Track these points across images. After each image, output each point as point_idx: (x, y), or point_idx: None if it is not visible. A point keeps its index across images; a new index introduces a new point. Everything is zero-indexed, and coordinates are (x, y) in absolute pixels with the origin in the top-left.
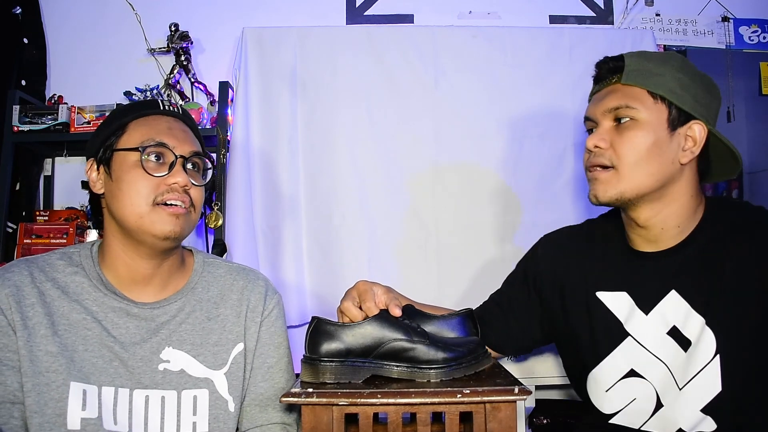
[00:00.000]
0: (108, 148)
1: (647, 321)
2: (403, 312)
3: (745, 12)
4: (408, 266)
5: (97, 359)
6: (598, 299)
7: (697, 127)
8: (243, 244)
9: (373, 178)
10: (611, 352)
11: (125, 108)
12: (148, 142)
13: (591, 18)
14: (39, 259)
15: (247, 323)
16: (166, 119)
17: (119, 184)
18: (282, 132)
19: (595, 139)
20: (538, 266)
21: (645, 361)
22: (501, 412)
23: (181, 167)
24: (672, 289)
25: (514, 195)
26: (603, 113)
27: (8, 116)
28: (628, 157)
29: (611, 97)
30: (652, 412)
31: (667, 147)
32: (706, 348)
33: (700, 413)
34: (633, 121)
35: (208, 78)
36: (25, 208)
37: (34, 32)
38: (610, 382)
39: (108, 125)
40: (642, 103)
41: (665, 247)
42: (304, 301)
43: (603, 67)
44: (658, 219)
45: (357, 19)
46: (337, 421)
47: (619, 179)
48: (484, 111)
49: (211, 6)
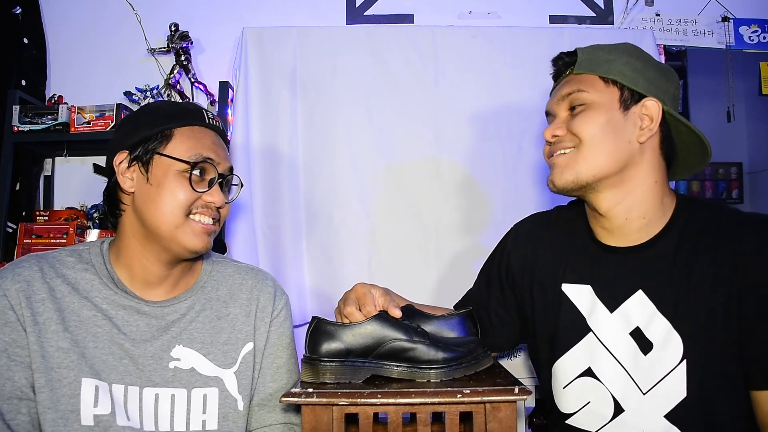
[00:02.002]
0: (149, 150)
1: (610, 319)
2: (403, 312)
3: (745, 12)
4: (408, 266)
5: (107, 356)
6: (563, 292)
7: (650, 103)
8: (243, 244)
9: (373, 178)
10: (573, 346)
11: (169, 111)
12: (197, 157)
13: (591, 18)
14: (49, 255)
15: (256, 323)
16: (211, 134)
17: (159, 190)
18: (282, 132)
19: (551, 129)
20: (509, 260)
21: (603, 361)
22: (501, 412)
23: (218, 186)
24: (639, 289)
25: (514, 195)
26: (557, 103)
27: (8, 116)
28: (585, 135)
29: (564, 87)
30: (611, 416)
31: (622, 126)
32: (672, 352)
33: (665, 420)
34: (585, 105)
35: (208, 78)
36: (25, 208)
37: (34, 32)
38: (568, 379)
39: (149, 125)
40: (593, 87)
41: (633, 243)
42: (304, 301)
43: (558, 63)
44: (620, 208)
45: (357, 19)
46: (337, 421)
47: (576, 160)
48: (484, 111)
49: (211, 6)
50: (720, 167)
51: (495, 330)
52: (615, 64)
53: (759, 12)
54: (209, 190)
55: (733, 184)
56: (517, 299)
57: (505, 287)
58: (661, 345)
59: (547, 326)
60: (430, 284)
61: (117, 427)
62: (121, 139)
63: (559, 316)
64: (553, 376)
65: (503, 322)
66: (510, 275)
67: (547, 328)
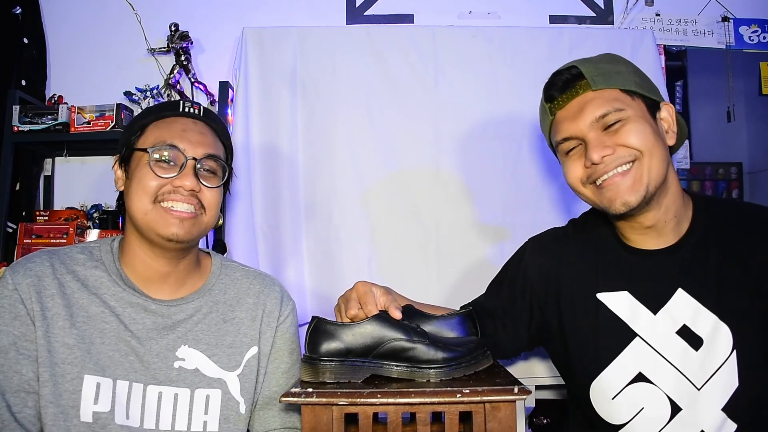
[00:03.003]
0: (128, 147)
1: (656, 321)
2: (403, 312)
3: (745, 12)
4: (408, 266)
5: (113, 352)
6: (599, 301)
7: (666, 108)
8: (243, 244)
9: (373, 178)
10: (618, 355)
11: (150, 109)
12: (158, 144)
13: (591, 18)
14: (60, 251)
15: (262, 327)
16: (184, 121)
17: (131, 182)
18: (282, 132)
19: (598, 150)
20: (527, 274)
21: (653, 365)
22: (501, 411)
23: (191, 170)
24: (678, 288)
25: (514, 195)
26: (590, 125)
27: (8, 116)
28: (643, 146)
29: (590, 107)
30: (668, 418)
31: (659, 133)
32: (722, 345)
33: (721, 413)
34: (623, 120)
35: (208, 78)
36: (25, 208)
37: (34, 32)
38: (617, 388)
39: (132, 125)
40: (624, 103)
41: (665, 244)
42: (304, 301)
43: (556, 81)
44: (661, 213)
45: (357, 19)
46: (336, 420)
47: (642, 172)
48: (484, 111)
49: (211, 6)
50: (720, 167)
51: (496, 338)
52: (625, 75)
53: (759, 12)
54: (178, 175)
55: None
56: (534, 313)
57: (518, 300)
58: (711, 339)
59: (584, 339)
60: (430, 284)
61: (115, 425)
62: (118, 148)
63: (598, 326)
64: (595, 390)
65: (508, 333)
66: (528, 288)
67: (584, 340)
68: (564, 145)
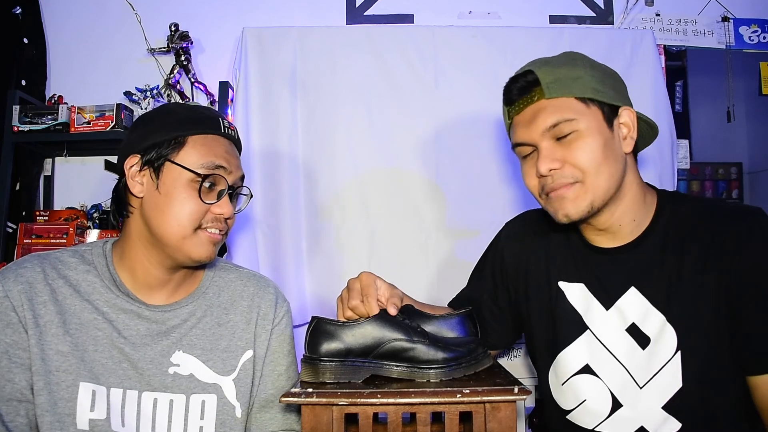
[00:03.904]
0: (161, 156)
1: (607, 316)
2: (403, 312)
3: (745, 12)
4: (408, 266)
5: (107, 360)
6: (560, 288)
7: (626, 113)
8: (243, 244)
9: (373, 177)
10: (571, 344)
11: (184, 117)
12: (208, 166)
13: (591, 18)
14: (51, 255)
15: (257, 330)
16: (225, 143)
17: (168, 199)
18: (282, 132)
19: (546, 163)
20: (503, 257)
21: (601, 359)
22: (501, 412)
23: (227, 197)
24: (631, 286)
25: (515, 195)
26: (541, 134)
27: (8, 116)
28: (589, 166)
29: (542, 115)
30: (608, 413)
31: (613, 144)
32: (667, 345)
33: (662, 411)
34: (576, 132)
35: (208, 78)
36: (25, 208)
37: (34, 32)
38: (566, 376)
39: (163, 130)
40: (577, 112)
41: (622, 242)
42: (304, 301)
43: (513, 87)
44: (615, 218)
45: (357, 19)
46: (336, 421)
47: (586, 190)
48: (485, 111)
49: (211, 6)
50: (720, 167)
51: (488, 326)
52: (584, 81)
53: (759, 12)
54: (218, 202)
55: (733, 184)
56: (511, 295)
57: (498, 283)
58: (657, 339)
59: (545, 322)
60: (430, 284)
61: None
62: (135, 141)
63: (557, 312)
64: (552, 372)
65: (496, 319)
66: (504, 271)
67: (546, 323)
68: (519, 150)
